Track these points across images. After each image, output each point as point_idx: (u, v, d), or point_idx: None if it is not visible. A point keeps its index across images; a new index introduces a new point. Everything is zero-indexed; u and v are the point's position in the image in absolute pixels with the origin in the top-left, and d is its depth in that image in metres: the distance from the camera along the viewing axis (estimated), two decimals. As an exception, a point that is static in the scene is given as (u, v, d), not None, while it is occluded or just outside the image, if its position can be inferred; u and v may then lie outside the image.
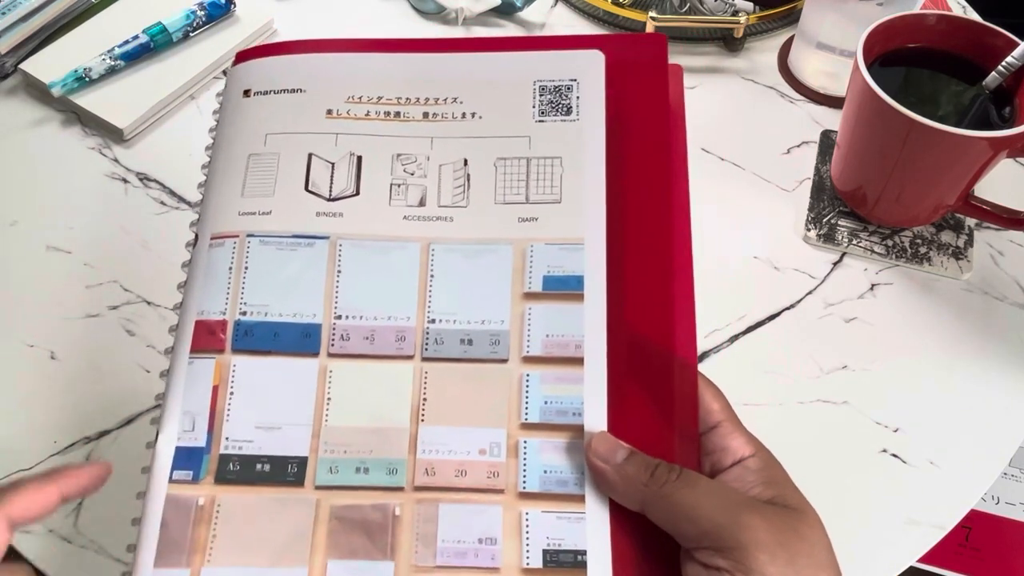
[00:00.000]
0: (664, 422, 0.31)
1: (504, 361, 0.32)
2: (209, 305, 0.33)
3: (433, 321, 0.33)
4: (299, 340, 0.32)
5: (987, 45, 0.49)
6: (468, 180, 0.35)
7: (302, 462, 0.31)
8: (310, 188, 0.35)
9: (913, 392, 0.46)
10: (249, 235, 0.34)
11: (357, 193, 0.35)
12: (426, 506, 0.30)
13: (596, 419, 0.31)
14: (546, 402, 0.31)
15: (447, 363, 0.32)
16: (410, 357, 0.32)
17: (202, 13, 0.61)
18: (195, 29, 0.61)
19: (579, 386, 0.31)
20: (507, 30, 0.66)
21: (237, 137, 0.36)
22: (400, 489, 0.30)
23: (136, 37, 0.59)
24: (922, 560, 0.42)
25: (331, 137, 0.35)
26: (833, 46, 0.59)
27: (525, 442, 0.31)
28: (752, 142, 0.58)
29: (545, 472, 0.30)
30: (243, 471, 0.31)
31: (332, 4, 0.68)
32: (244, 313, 0.33)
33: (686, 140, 0.35)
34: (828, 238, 0.53)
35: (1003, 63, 0.48)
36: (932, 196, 0.50)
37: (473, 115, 0.36)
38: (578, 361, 0.31)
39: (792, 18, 0.66)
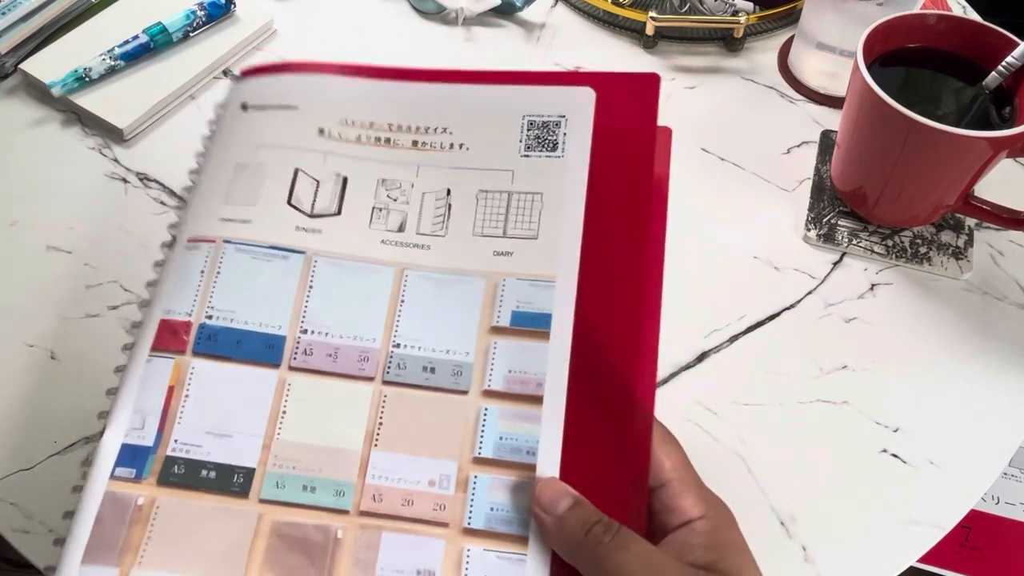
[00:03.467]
0: (616, 470, 0.30)
1: (464, 393, 0.32)
2: (176, 306, 0.33)
3: (398, 346, 0.32)
4: (262, 350, 0.32)
5: (987, 45, 0.49)
6: (449, 210, 0.35)
7: (249, 473, 0.30)
8: (292, 202, 0.35)
9: (913, 392, 0.46)
10: (226, 241, 0.34)
11: (339, 213, 0.35)
12: (369, 532, 0.30)
13: (549, 460, 0.30)
14: (501, 438, 0.31)
15: (407, 389, 0.32)
16: (371, 379, 0.32)
17: (202, 13, 0.61)
18: (195, 29, 0.61)
19: (536, 425, 0.31)
20: (507, 30, 0.66)
21: (228, 147, 0.36)
22: (345, 512, 0.30)
23: (136, 37, 0.59)
24: (922, 560, 0.42)
25: (320, 155, 0.36)
26: (833, 46, 0.59)
27: (476, 477, 0.30)
28: (752, 142, 0.58)
29: (492, 510, 0.30)
30: (187, 475, 0.30)
31: (332, 4, 0.68)
32: (210, 317, 0.33)
33: (667, 196, 0.34)
34: (828, 238, 0.53)
35: (1003, 63, 0.48)
36: (932, 196, 0.50)
37: (461, 146, 0.36)
38: (537, 400, 0.31)
39: (792, 18, 0.66)
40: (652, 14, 0.63)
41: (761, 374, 0.47)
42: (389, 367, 0.32)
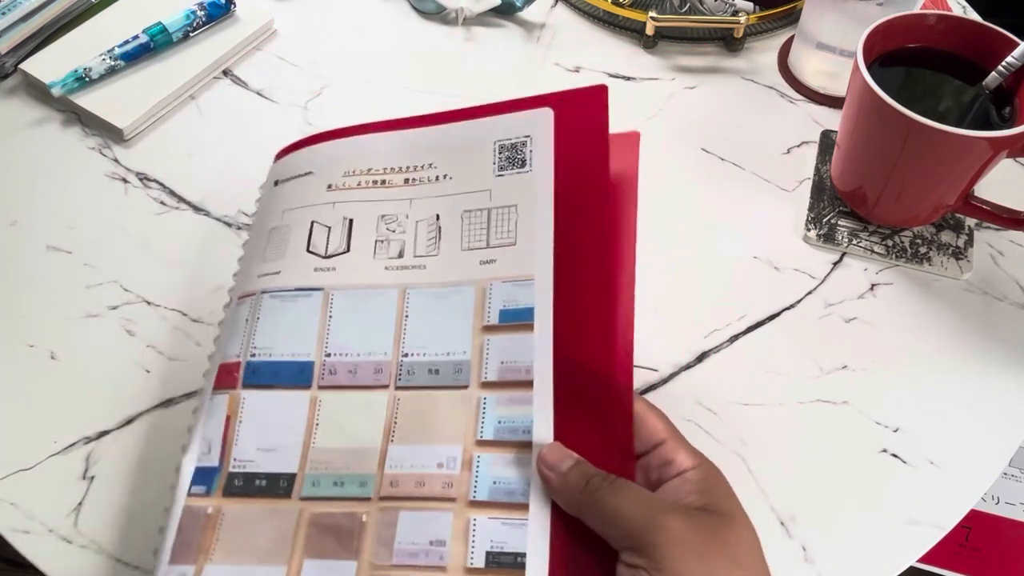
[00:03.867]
0: (603, 436, 0.34)
1: (465, 387, 0.36)
2: (229, 351, 0.39)
3: (406, 355, 0.37)
4: (295, 375, 0.38)
5: (987, 45, 0.49)
6: (439, 232, 0.40)
7: (291, 478, 0.36)
8: (310, 249, 0.41)
9: (913, 392, 0.46)
10: (263, 291, 0.40)
11: (348, 250, 0.40)
12: (388, 513, 0.34)
13: (543, 436, 0.34)
14: (500, 421, 0.35)
15: (416, 390, 0.36)
16: (386, 387, 0.37)
17: (202, 13, 0.61)
18: (195, 29, 0.61)
19: (529, 407, 0.35)
20: (507, 30, 0.66)
21: (264, 217, 0.43)
22: (368, 499, 0.34)
23: (136, 37, 0.59)
24: (922, 560, 0.42)
25: (330, 206, 0.42)
26: (833, 46, 0.59)
27: (479, 456, 0.34)
28: (752, 142, 0.58)
29: (495, 483, 0.34)
30: (245, 486, 0.36)
31: (332, 4, 0.68)
32: (253, 355, 0.38)
33: (636, 183, 0.38)
34: (828, 238, 0.53)
35: (1003, 63, 0.48)
36: (932, 196, 0.50)
37: (445, 176, 0.41)
38: (528, 384, 0.35)
39: (792, 18, 0.66)
40: (652, 14, 0.63)
41: (761, 374, 0.47)
42: (400, 375, 0.37)
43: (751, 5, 0.65)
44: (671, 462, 0.33)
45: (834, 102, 0.61)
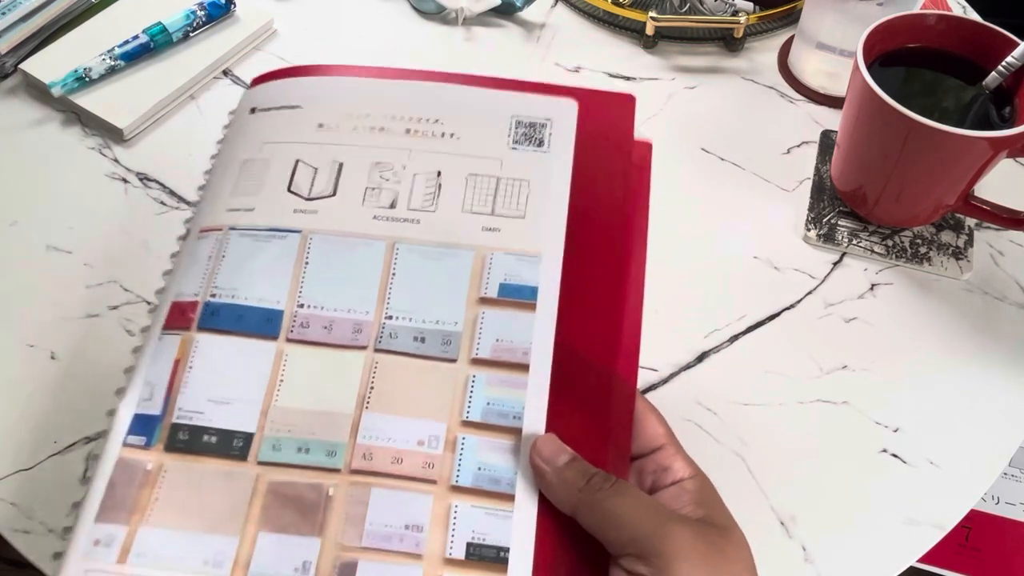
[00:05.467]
0: (599, 434, 0.32)
1: (453, 361, 0.33)
2: (185, 288, 0.35)
3: (390, 317, 0.34)
4: (261, 323, 0.34)
5: (987, 45, 0.49)
6: (439, 189, 0.37)
7: (247, 437, 0.32)
8: (292, 189, 0.37)
9: (913, 392, 0.46)
10: (232, 228, 0.36)
11: (334, 194, 0.37)
12: (359, 489, 0.31)
13: (535, 424, 0.32)
14: (488, 403, 0.32)
15: (398, 356, 0.33)
16: (363, 348, 0.34)
17: (202, 13, 0.61)
18: (195, 29, 0.61)
19: (522, 391, 0.33)
20: (507, 30, 0.66)
21: (236, 146, 0.39)
22: (337, 471, 0.31)
23: (136, 37, 0.59)
24: (922, 560, 0.42)
25: (318, 146, 0.38)
26: (833, 46, 0.59)
27: (464, 438, 0.32)
28: (752, 142, 0.58)
29: (479, 469, 0.31)
30: (191, 441, 0.32)
31: (332, 4, 0.68)
32: (214, 295, 0.34)
33: (649, 194, 0.38)
34: (828, 238, 0.53)
35: (1003, 63, 0.48)
36: (932, 196, 0.50)
37: (452, 135, 0.38)
38: (524, 367, 0.33)
39: (792, 18, 0.66)
40: (652, 14, 0.63)
41: (761, 374, 0.47)
42: (381, 337, 0.34)
43: (751, 5, 0.65)
44: (668, 468, 0.32)
45: (834, 102, 0.61)
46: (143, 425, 0.32)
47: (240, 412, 0.32)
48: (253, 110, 0.40)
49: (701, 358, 0.47)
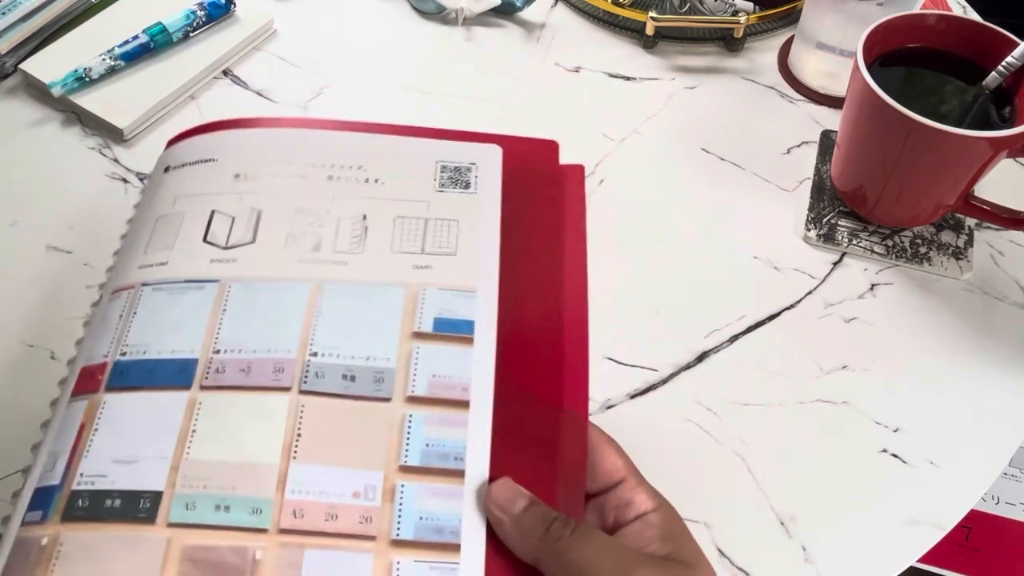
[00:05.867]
0: (548, 473, 0.30)
1: (387, 400, 0.31)
2: (95, 352, 0.33)
3: (315, 354, 0.31)
4: (173, 375, 0.31)
5: (987, 45, 0.50)
6: (366, 232, 0.35)
7: (156, 497, 0.28)
8: (208, 239, 0.35)
9: (913, 392, 0.46)
10: (143, 284, 0.34)
11: (253, 241, 0.35)
12: (291, 551, 0.28)
13: (478, 465, 0.30)
14: (428, 445, 0.30)
15: (326, 398, 0.30)
16: (287, 389, 0.30)
17: (202, 13, 0.61)
18: (195, 29, 0.61)
19: (463, 430, 0.30)
20: (507, 30, 0.66)
21: (150, 206, 0.38)
22: (263, 531, 0.28)
23: (136, 37, 0.59)
24: (922, 560, 0.42)
25: (236, 196, 0.36)
26: (833, 46, 0.59)
27: (403, 486, 0.29)
28: (752, 142, 0.58)
29: (421, 519, 0.29)
30: (91, 507, 0.28)
31: (332, 4, 0.68)
32: (124, 354, 0.32)
33: (585, 221, 0.37)
34: (828, 238, 0.53)
35: (1003, 63, 0.48)
36: (932, 196, 0.50)
37: (376, 181, 0.37)
38: (464, 404, 0.31)
39: (792, 18, 0.66)
40: (652, 14, 0.63)
41: (761, 374, 0.47)
42: (307, 377, 0.31)
43: (751, 5, 0.65)
44: (630, 503, 0.30)
45: (834, 102, 0.61)
46: (41, 499, 0.29)
47: (147, 470, 0.29)
48: (167, 169, 0.39)
49: (701, 358, 0.47)
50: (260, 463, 0.29)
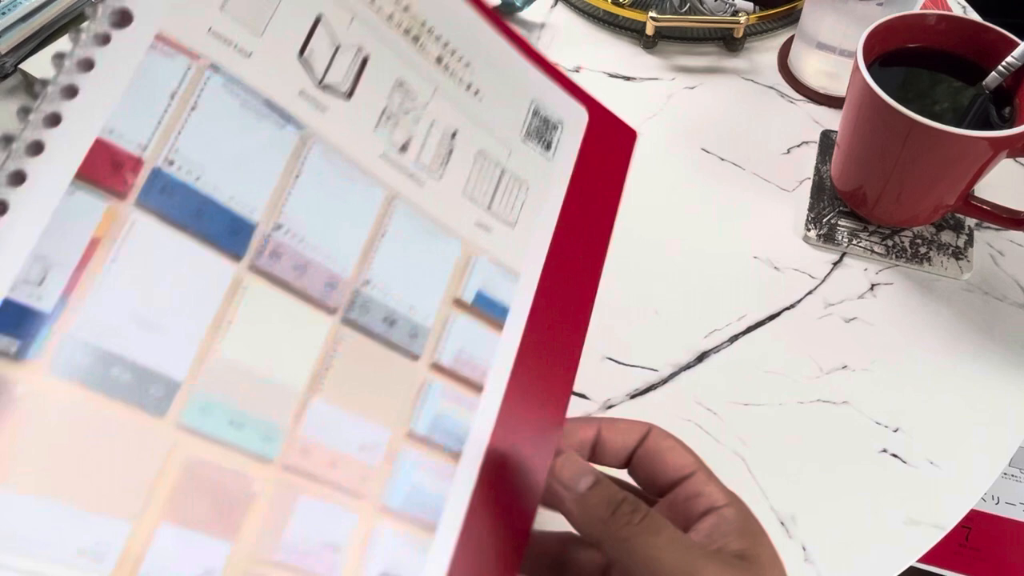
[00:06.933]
0: (540, 471, 0.30)
1: (415, 358, 0.29)
2: (125, 127, 0.23)
3: (367, 283, 0.28)
4: (225, 233, 0.24)
5: (987, 45, 0.50)
6: (450, 155, 0.31)
7: (172, 387, 0.23)
8: (304, 56, 0.27)
9: (913, 392, 0.46)
10: (213, 67, 0.25)
11: (349, 97, 0.28)
12: (286, 492, 0.25)
13: (474, 452, 0.29)
14: (438, 417, 0.29)
15: (364, 336, 0.27)
16: (333, 311, 0.27)
17: (202, 13, 0.61)
18: (195, 29, 0.61)
19: (471, 413, 0.29)
20: (507, 30, 0.66)
21: None
22: (268, 462, 0.25)
23: (136, 37, 0.59)
24: (922, 560, 0.42)
25: (348, 14, 0.28)
26: (833, 46, 0.59)
27: (404, 452, 0.28)
28: (752, 142, 0.58)
29: (412, 490, 0.27)
30: (92, 370, 0.22)
31: (332, 4, 0.68)
32: (171, 162, 0.24)
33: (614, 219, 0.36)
34: (828, 238, 0.53)
35: (1003, 63, 0.48)
36: (932, 196, 0.50)
37: (476, 92, 0.32)
38: (478, 387, 0.30)
39: (792, 18, 0.66)
40: (652, 14, 0.63)
41: (761, 374, 0.47)
42: (354, 304, 0.27)
43: (751, 5, 0.65)
44: (700, 494, 0.30)
45: (834, 102, 0.61)
46: (19, 321, 0.21)
47: (171, 348, 0.23)
48: None
49: (701, 358, 0.47)
50: (285, 385, 0.25)
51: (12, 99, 0.59)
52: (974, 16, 0.68)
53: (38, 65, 0.59)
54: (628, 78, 0.63)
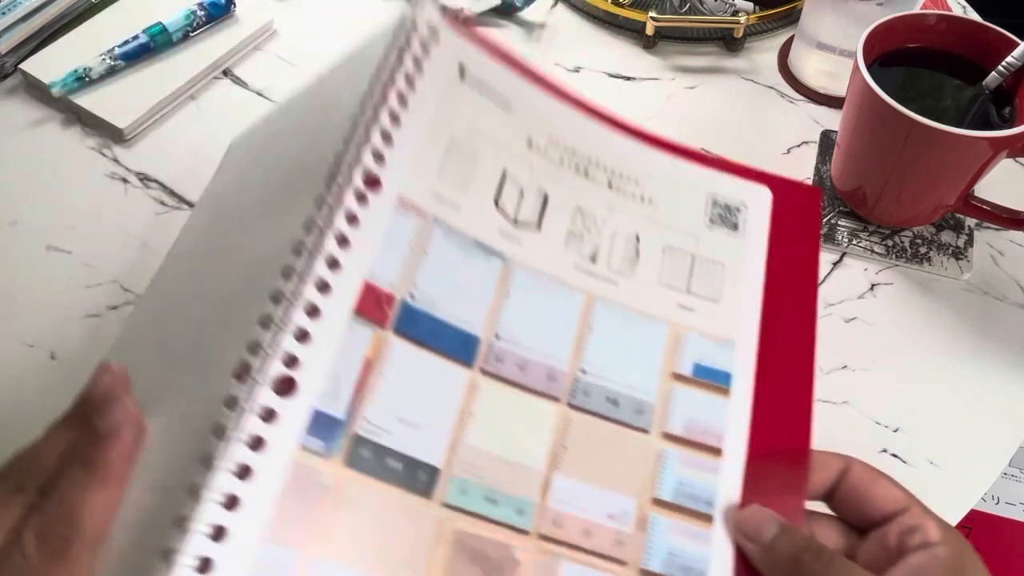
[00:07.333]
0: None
1: (645, 432, 0.31)
2: (380, 271, 0.29)
3: (584, 372, 0.32)
4: (457, 346, 0.30)
5: (987, 45, 0.50)
6: (637, 255, 0.35)
7: (432, 472, 0.28)
8: (499, 203, 0.33)
9: (913, 392, 0.46)
10: (436, 220, 0.31)
11: (539, 229, 0.34)
12: (548, 559, 0.28)
13: (727, 513, 0.30)
14: (681, 483, 0.31)
15: (591, 417, 0.31)
16: (557, 399, 0.31)
17: (202, 13, 0.61)
18: (195, 29, 0.61)
19: (715, 476, 0.31)
20: (507, 30, 0.66)
21: (445, 114, 0.33)
22: (525, 533, 0.28)
23: (136, 37, 0.59)
24: (922, 560, 0.41)
25: (527, 167, 0.34)
26: (833, 46, 0.59)
27: (655, 518, 0.30)
28: (752, 142, 0.58)
29: (671, 554, 0.29)
30: (375, 461, 0.27)
31: (332, 4, 0.68)
32: (413, 297, 0.30)
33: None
34: (828, 238, 0.53)
35: (1003, 63, 0.48)
36: (932, 196, 0.50)
37: (650, 201, 0.36)
38: (716, 451, 0.31)
39: (792, 18, 0.66)
40: (652, 14, 0.63)
41: (761, 374, 0.47)
42: (575, 391, 0.31)
43: (751, 5, 0.65)
44: (915, 529, 0.29)
45: (834, 102, 0.61)
46: (323, 428, 0.26)
47: (428, 440, 0.28)
48: (463, 73, 0.34)
49: (701, 358, 0.47)
50: (528, 466, 0.29)
51: (12, 99, 0.60)
52: (974, 16, 0.68)
53: (38, 65, 0.59)
54: (628, 78, 0.63)
